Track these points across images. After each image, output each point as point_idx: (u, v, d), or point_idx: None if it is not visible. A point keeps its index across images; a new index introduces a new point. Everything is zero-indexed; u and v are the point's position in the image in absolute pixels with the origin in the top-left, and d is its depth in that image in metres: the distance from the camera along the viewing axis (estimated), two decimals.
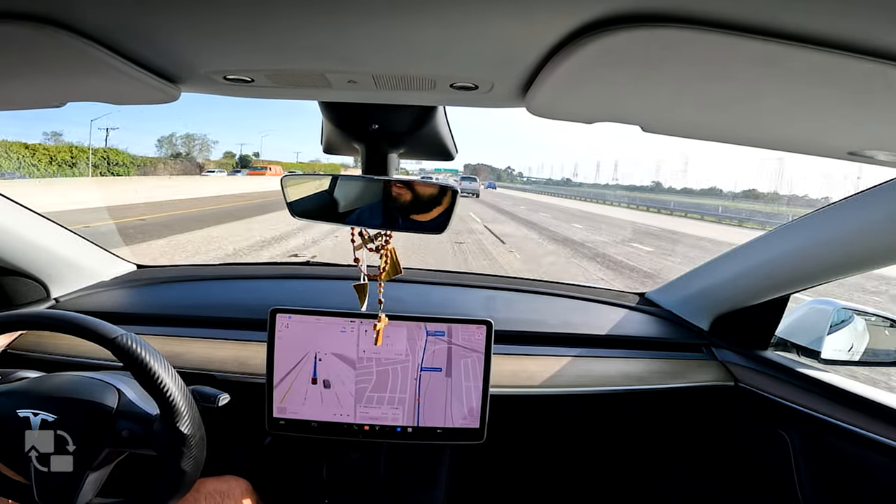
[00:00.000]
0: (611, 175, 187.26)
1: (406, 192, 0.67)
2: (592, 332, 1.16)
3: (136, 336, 0.70)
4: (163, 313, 1.11)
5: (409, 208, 0.67)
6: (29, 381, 0.75)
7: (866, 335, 1.01)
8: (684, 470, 1.23)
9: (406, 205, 0.67)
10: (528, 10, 0.34)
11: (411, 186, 0.67)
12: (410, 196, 0.67)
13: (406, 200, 0.67)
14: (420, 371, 0.93)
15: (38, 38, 0.39)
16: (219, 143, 58.06)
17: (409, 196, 0.67)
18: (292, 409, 0.92)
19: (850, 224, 0.78)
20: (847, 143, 0.54)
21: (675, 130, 0.59)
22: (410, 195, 0.67)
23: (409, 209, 0.67)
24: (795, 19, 0.31)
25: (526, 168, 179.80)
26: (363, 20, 0.37)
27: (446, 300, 1.25)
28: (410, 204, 0.67)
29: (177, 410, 0.69)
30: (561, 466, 1.27)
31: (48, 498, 0.69)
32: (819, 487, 0.91)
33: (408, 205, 0.67)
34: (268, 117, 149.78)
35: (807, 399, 0.93)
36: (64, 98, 0.60)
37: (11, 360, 0.96)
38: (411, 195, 0.67)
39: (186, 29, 0.40)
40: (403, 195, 0.67)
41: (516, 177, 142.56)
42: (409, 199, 0.67)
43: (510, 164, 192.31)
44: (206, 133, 30.35)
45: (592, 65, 0.39)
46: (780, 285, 0.97)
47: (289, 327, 0.91)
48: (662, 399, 1.08)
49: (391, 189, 0.68)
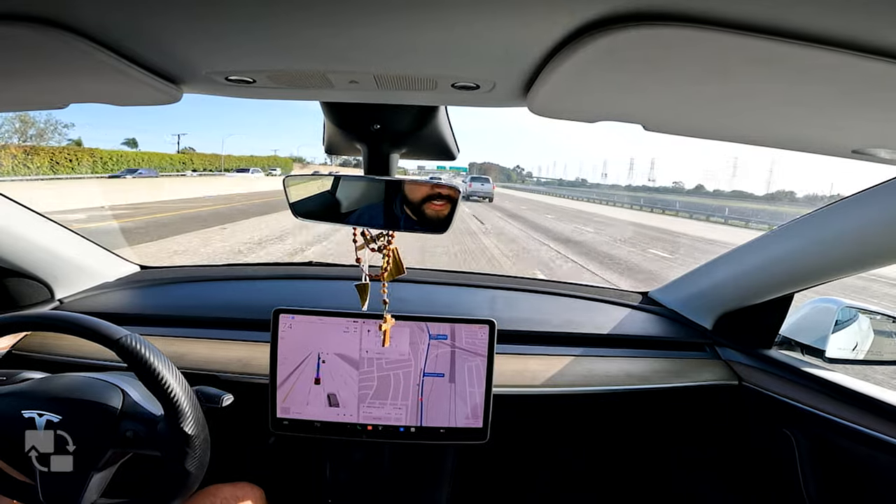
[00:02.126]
0: (634, 175, 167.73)
1: (408, 193, 0.67)
2: (595, 331, 1.15)
3: (140, 337, 0.70)
4: (166, 314, 1.12)
5: (411, 208, 0.67)
6: (34, 382, 0.75)
7: (871, 334, 1.01)
8: (688, 469, 1.23)
9: (408, 205, 0.67)
10: (530, 9, 0.34)
11: (413, 186, 0.67)
12: (412, 196, 0.67)
13: (408, 200, 0.67)
14: (423, 377, 0.93)
15: (42, 39, 0.39)
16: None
17: (411, 196, 0.67)
18: (296, 409, 0.92)
19: (854, 222, 0.77)
20: (850, 141, 0.54)
21: (677, 129, 0.59)
22: (412, 195, 0.67)
23: (411, 209, 0.67)
24: (798, 18, 0.31)
25: (536, 167, 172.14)
26: (364, 20, 0.37)
27: (449, 300, 1.25)
28: (412, 204, 0.67)
29: (181, 411, 0.69)
30: (564, 466, 1.27)
31: (53, 498, 0.70)
32: (824, 487, 0.90)
33: (410, 205, 0.67)
34: (232, 112, 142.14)
35: (811, 398, 0.92)
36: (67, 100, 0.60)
37: (16, 360, 0.97)
38: (413, 195, 0.67)
39: (189, 30, 0.40)
40: (405, 195, 0.67)
41: (526, 177, 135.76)
42: (411, 200, 0.67)
43: (519, 163, 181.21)
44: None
45: (594, 64, 0.39)
46: (784, 284, 0.97)
47: (292, 327, 0.91)
48: (666, 398, 1.07)
49: (393, 189, 0.68)
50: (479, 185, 23.68)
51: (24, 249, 1.00)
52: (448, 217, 0.65)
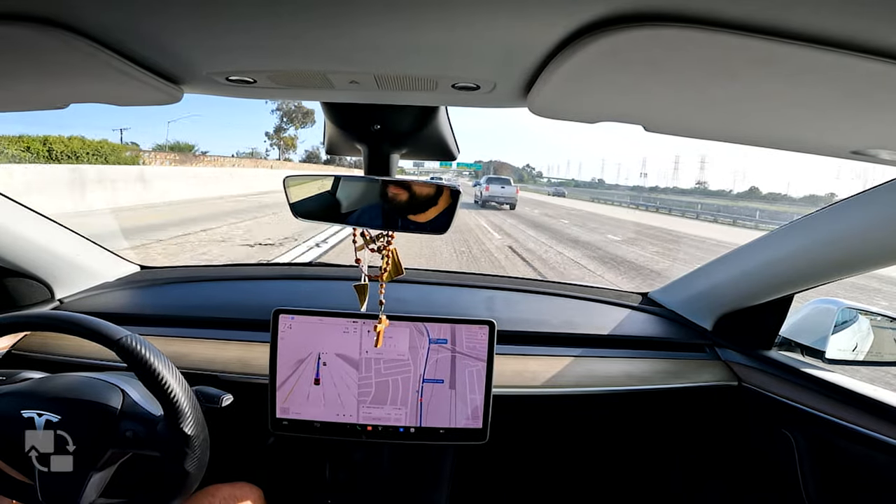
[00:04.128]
0: (679, 177, 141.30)
1: (408, 193, 0.67)
2: (595, 332, 1.15)
3: (140, 337, 0.70)
4: (166, 314, 1.12)
5: (410, 209, 0.67)
6: (33, 382, 0.75)
7: (871, 335, 1.01)
8: (688, 470, 1.23)
9: (408, 205, 0.67)
10: (530, 10, 0.34)
11: (413, 187, 0.67)
12: (412, 197, 0.67)
13: (408, 201, 0.67)
14: (422, 383, 0.93)
15: (43, 39, 0.40)
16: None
17: (411, 197, 0.67)
18: (295, 409, 0.92)
19: (854, 223, 0.78)
20: (850, 142, 0.54)
21: (677, 130, 0.59)
22: (412, 196, 0.67)
23: (410, 210, 0.67)
24: (799, 19, 0.31)
25: (545, 167, 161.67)
26: (365, 21, 0.37)
27: (448, 300, 1.25)
28: (412, 204, 0.67)
29: (181, 412, 0.69)
30: (564, 466, 1.27)
31: (52, 498, 0.70)
32: (823, 487, 0.90)
33: (409, 205, 0.67)
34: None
35: (811, 399, 0.92)
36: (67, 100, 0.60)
37: (16, 360, 0.97)
38: (413, 196, 0.67)
39: (190, 31, 0.41)
40: (405, 196, 0.67)
41: (536, 176, 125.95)
42: (410, 200, 0.67)
43: (528, 163, 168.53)
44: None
45: (594, 64, 0.39)
46: (784, 285, 0.97)
47: (291, 328, 0.91)
48: (666, 399, 1.07)
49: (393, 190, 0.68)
50: (498, 187, 18.15)
51: (24, 249, 1.00)
52: (447, 217, 0.65)
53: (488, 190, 18.23)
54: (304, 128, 44.96)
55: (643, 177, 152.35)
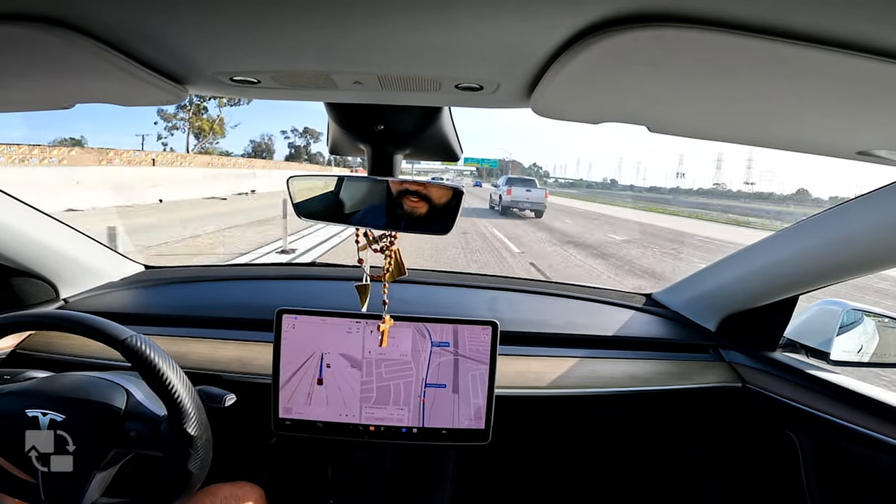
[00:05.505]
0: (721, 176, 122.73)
1: (411, 193, 0.67)
2: (598, 332, 1.15)
3: (145, 338, 0.70)
4: (170, 314, 1.12)
5: (414, 209, 0.67)
6: (38, 381, 0.75)
7: (876, 336, 1.00)
8: (691, 471, 1.22)
9: (411, 205, 0.67)
10: (534, 10, 0.34)
11: (416, 187, 0.67)
12: (415, 197, 0.67)
13: (411, 201, 0.67)
14: (424, 387, 0.93)
15: (48, 39, 0.40)
16: None
17: (414, 197, 0.67)
18: (298, 409, 0.92)
19: (859, 224, 0.77)
20: (856, 142, 0.53)
21: (681, 131, 0.59)
22: (415, 196, 0.67)
23: (414, 210, 0.67)
24: (803, 19, 0.31)
25: (551, 166, 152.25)
26: (369, 22, 0.37)
27: (451, 301, 1.25)
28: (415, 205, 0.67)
29: (184, 412, 0.70)
30: (567, 467, 1.26)
31: (54, 497, 0.70)
32: (828, 489, 0.90)
33: (413, 205, 0.67)
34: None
35: (815, 400, 0.92)
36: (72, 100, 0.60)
37: (20, 359, 0.97)
38: (416, 196, 0.67)
39: (194, 31, 0.41)
40: (408, 196, 0.67)
41: (543, 176, 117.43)
42: (414, 200, 0.67)
43: (535, 161, 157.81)
44: None
45: (598, 65, 0.39)
46: (789, 286, 0.96)
47: (295, 328, 0.92)
48: (669, 400, 1.07)
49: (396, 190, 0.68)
50: (522, 190, 14.72)
51: (29, 248, 1.01)
52: (451, 218, 0.65)
53: (510, 194, 14.80)
54: (234, 105, 29.13)
55: (679, 177, 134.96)
